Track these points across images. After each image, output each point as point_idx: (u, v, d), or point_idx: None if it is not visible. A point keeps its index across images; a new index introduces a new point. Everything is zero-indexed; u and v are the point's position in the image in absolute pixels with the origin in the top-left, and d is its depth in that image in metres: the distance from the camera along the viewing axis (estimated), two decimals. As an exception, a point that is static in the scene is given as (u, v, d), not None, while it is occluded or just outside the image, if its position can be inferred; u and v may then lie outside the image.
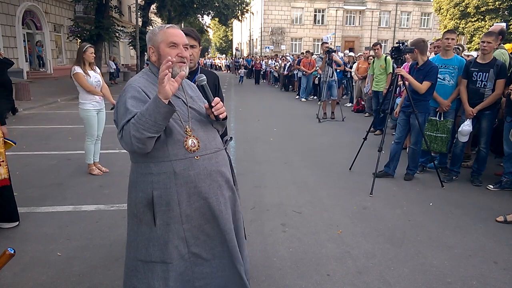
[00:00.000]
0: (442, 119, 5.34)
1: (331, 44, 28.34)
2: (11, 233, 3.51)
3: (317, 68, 14.29)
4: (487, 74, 4.82)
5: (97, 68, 5.33)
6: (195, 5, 23.43)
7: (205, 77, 2.00)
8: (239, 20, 31.41)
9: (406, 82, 5.17)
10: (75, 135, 7.83)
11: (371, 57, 10.18)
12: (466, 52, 7.99)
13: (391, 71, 8.41)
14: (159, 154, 1.88)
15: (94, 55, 5.22)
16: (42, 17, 21.74)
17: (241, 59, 37.89)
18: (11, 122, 9.03)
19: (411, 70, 5.22)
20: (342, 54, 12.00)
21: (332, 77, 10.40)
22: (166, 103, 1.73)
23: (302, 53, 17.80)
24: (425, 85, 4.91)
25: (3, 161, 3.55)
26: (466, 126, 4.95)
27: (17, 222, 3.69)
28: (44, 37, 22.26)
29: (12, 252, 1.92)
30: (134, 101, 1.85)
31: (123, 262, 2.14)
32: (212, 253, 2.05)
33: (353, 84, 12.97)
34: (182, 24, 30.88)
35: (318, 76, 14.24)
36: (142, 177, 1.93)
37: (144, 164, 1.92)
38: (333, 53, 10.42)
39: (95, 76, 5.18)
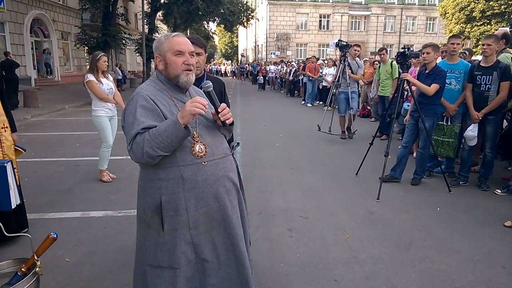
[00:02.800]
0: (449, 123, 5.33)
1: (336, 50, 28.28)
2: (20, 239, 3.53)
3: (321, 73, 14.35)
4: (491, 77, 4.81)
5: (109, 75, 5.37)
6: (200, 12, 23.52)
7: (211, 83, 2.03)
8: (244, 26, 31.50)
9: (413, 87, 5.18)
10: (83, 142, 7.90)
11: (376, 62, 10.18)
12: (473, 57, 7.96)
13: (397, 76, 8.40)
14: (167, 160, 1.90)
15: (107, 64, 5.24)
16: (50, 25, 21.99)
17: (247, 65, 37.98)
18: (19, 129, 9.12)
19: (420, 76, 5.21)
20: (359, 59, 8.98)
21: (350, 85, 8.16)
22: (184, 127, 1.79)
23: (307, 58, 17.84)
24: (434, 87, 4.90)
25: (15, 168, 3.59)
26: (470, 132, 4.94)
27: (26, 229, 3.73)
28: (52, 45, 22.51)
29: (55, 236, 2.10)
30: (143, 110, 1.88)
31: (131, 267, 2.17)
32: (219, 259, 2.05)
33: (359, 88, 12.96)
34: (188, 31, 31.07)
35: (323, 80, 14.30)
36: (151, 182, 1.95)
37: (152, 170, 1.94)
38: (347, 51, 8.09)
39: (107, 84, 5.20)
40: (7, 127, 3.56)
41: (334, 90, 8.52)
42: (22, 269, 2.16)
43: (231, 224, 2.03)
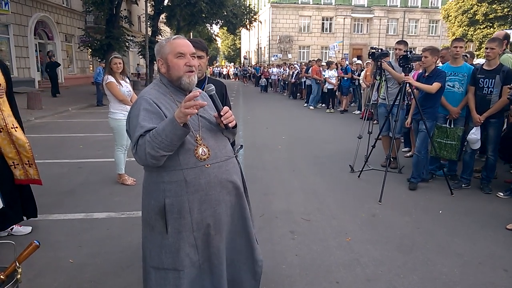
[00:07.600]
0: (452, 126, 5.33)
1: (339, 52, 28.27)
2: (24, 239, 3.55)
3: (325, 76, 14.32)
4: (493, 80, 4.82)
5: (127, 78, 5.31)
6: (203, 15, 23.59)
7: (214, 87, 2.05)
8: (247, 28, 31.62)
9: (415, 91, 5.19)
10: (86, 144, 7.93)
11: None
12: (475, 61, 7.96)
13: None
14: (171, 163, 1.92)
15: (121, 66, 5.10)
16: (54, 28, 22.09)
17: (250, 67, 38.03)
18: (23, 130, 9.18)
19: (420, 79, 5.24)
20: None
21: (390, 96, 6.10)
22: (182, 125, 1.79)
23: (310, 61, 17.86)
24: (435, 85, 4.95)
25: (32, 163, 3.66)
26: (473, 135, 4.94)
27: (30, 229, 3.78)
28: (56, 47, 22.59)
29: (38, 244, 2.06)
30: (146, 114, 1.90)
31: (134, 268, 2.18)
32: (222, 260, 2.07)
33: (361, 91, 12.98)
34: (191, 34, 31.16)
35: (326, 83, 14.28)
36: (154, 185, 1.97)
37: (156, 172, 1.96)
38: (384, 60, 5.87)
39: (126, 86, 5.16)
40: (17, 127, 3.60)
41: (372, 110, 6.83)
42: (1, 277, 2.08)
43: (234, 227, 2.05)
